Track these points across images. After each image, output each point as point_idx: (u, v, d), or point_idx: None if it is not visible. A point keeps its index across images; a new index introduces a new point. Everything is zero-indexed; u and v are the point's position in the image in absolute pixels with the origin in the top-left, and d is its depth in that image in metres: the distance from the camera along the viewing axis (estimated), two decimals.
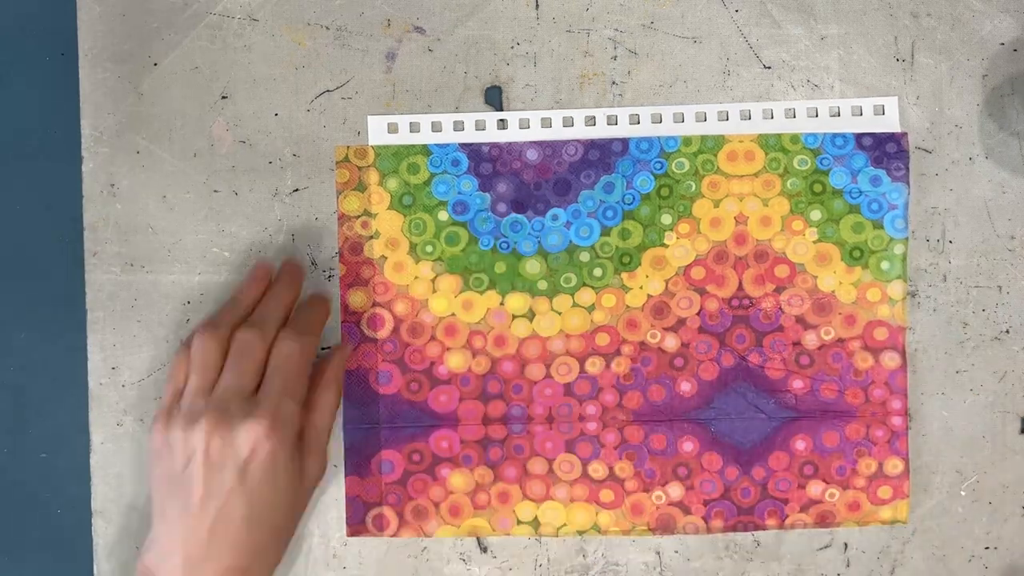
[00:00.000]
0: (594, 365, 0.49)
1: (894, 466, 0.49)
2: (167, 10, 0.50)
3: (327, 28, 0.50)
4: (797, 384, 0.49)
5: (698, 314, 0.49)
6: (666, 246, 0.49)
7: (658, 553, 0.50)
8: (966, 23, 0.49)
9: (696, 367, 0.49)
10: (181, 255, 0.50)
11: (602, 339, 0.49)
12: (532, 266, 0.49)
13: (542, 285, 0.49)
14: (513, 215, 0.49)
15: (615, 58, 0.50)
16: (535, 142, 0.49)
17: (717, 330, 0.49)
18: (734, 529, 0.50)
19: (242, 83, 0.50)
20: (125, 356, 0.50)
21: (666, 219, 0.49)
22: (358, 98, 0.50)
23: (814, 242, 0.49)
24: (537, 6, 0.50)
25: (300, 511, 0.45)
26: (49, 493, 0.51)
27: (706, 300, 0.49)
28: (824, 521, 0.49)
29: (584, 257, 0.49)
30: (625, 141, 0.49)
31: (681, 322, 0.49)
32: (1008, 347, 0.50)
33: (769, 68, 0.50)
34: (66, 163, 0.50)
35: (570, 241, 0.49)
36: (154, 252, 0.50)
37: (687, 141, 0.49)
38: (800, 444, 0.49)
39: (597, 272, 0.49)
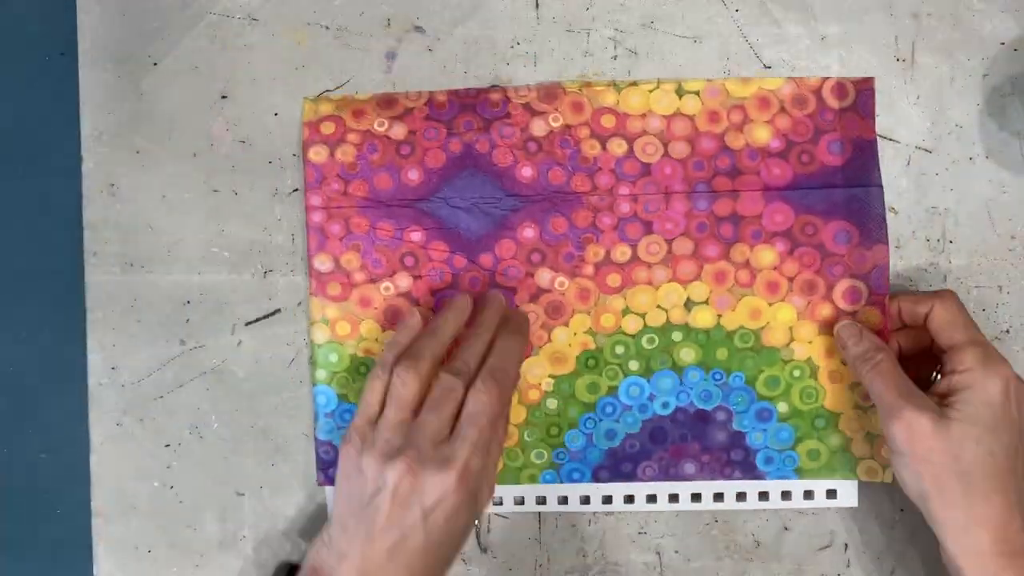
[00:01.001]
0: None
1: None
2: (167, 10, 0.50)
3: (327, 28, 0.50)
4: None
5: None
6: None
7: (658, 553, 0.51)
8: (967, 23, 0.49)
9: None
10: (181, 255, 0.50)
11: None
12: None
13: None
14: None
15: (615, 58, 0.50)
16: None
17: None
18: None
19: (242, 83, 0.50)
20: (125, 356, 0.50)
21: None
22: None
23: None
24: (537, 6, 0.50)
25: (468, 535, 0.46)
26: (49, 493, 0.51)
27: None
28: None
29: None
30: None
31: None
32: (1009, 347, 0.50)
33: (769, 68, 0.50)
34: (66, 163, 0.50)
35: None
36: (154, 252, 0.50)
37: None
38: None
39: None
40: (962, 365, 0.44)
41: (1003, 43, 0.49)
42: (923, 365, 0.48)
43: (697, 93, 0.49)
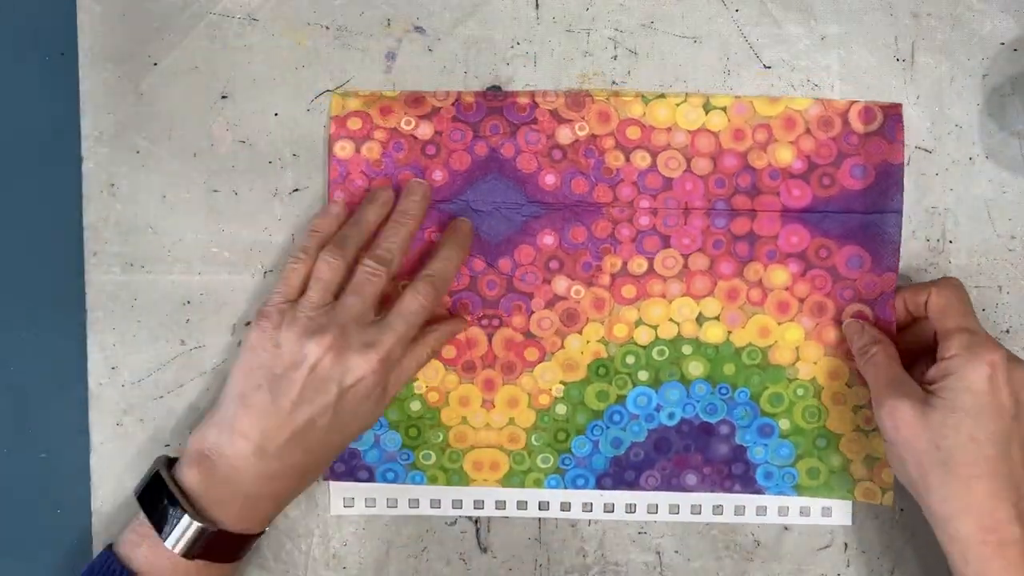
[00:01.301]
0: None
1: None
2: (167, 10, 0.50)
3: (327, 28, 0.50)
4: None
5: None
6: None
7: (658, 553, 0.51)
8: (966, 23, 0.49)
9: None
10: (181, 255, 0.50)
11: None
12: None
13: None
14: None
15: (615, 58, 0.50)
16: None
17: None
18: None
19: (242, 83, 0.50)
20: (125, 356, 0.50)
21: None
22: None
23: None
24: (537, 6, 0.50)
25: (365, 430, 0.47)
26: (49, 493, 0.51)
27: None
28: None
29: None
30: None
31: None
32: (1008, 347, 0.50)
33: (769, 68, 0.50)
34: (66, 163, 0.50)
35: None
36: (154, 252, 0.50)
37: None
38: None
39: None
40: (948, 352, 0.44)
41: (1003, 43, 0.49)
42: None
43: (724, 109, 0.49)
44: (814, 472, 0.50)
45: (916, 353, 0.47)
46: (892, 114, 0.49)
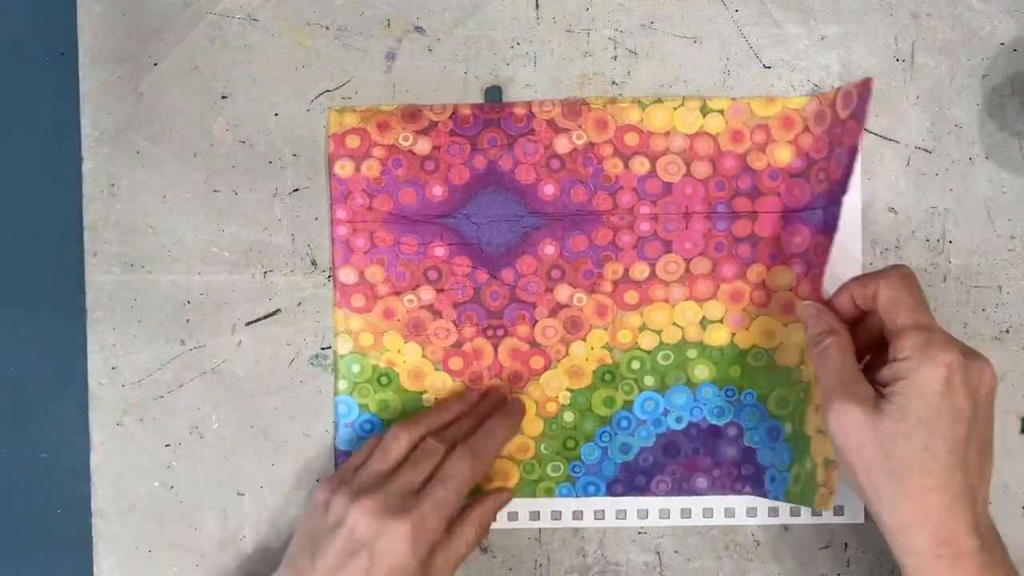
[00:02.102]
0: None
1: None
2: (167, 10, 0.50)
3: (327, 28, 0.50)
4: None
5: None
6: None
7: (658, 553, 0.51)
8: (966, 23, 0.49)
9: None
10: (181, 255, 0.50)
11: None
12: None
13: None
14: None
15: (615, 58, 0.50)
16: None
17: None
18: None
19: (242, 83, 0.50)
20: (125, 356, 0.50)
21: None
22: (358, 98, 0.50)
23: None
24: (537, 6, 0.50)
25: None
26: (49, 493, 0.51)
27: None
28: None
29: None
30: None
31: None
32: (1008, 347, 0.50)
33: (769, 68, 0.50)
34: (66, 163, 0.50)
35: None
36: (154, 252, 0.50)
37: None
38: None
39: None
40: (900, 352, 0.40)
41: (1003, 43, 0.49)
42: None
43: (721, 112, 0.49)
44: (797, 477, 0.48)
45: (870, 346, 0.44)
46: (863, 91, 0.46)
